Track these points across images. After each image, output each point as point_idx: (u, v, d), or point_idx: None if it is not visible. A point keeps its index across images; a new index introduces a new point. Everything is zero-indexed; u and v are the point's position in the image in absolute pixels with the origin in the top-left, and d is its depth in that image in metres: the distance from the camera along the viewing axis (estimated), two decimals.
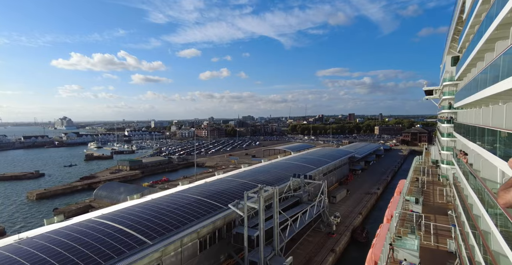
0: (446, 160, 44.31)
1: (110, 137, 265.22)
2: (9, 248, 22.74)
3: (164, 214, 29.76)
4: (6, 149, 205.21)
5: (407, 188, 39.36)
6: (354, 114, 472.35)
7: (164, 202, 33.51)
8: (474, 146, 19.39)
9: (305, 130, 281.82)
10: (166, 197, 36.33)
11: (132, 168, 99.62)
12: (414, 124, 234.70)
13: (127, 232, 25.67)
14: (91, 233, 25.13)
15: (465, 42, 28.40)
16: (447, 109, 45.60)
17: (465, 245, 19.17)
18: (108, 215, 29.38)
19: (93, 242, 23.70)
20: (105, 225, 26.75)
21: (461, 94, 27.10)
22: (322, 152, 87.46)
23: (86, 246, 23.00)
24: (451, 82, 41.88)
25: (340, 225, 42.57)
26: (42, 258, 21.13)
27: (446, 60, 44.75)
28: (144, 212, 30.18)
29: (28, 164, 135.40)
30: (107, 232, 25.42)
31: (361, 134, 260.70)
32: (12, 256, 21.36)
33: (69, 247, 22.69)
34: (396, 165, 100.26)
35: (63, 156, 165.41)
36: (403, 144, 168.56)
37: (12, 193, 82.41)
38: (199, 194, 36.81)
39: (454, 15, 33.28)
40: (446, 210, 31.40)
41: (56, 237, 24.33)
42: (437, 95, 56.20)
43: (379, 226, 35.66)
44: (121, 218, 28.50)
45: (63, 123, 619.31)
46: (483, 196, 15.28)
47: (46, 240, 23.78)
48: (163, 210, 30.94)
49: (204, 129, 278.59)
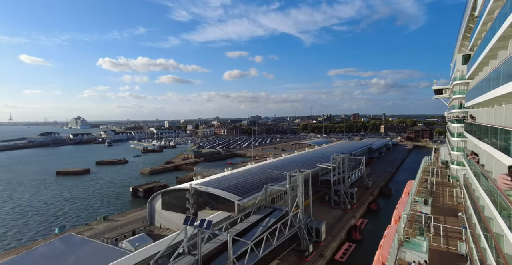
0: (457, 161, 43.43)
1: (140, 135, 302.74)
2: (213, 180, 51.70)
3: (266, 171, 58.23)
4: (60, 145, 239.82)
5: (416, 189, 38.70)
6: (358, 114, 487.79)
7: (257, 169, 60.32)
8: (486, 146, 18.94)
9: (315, 129, 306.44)
10: (255, 168, 61.91)
11: (196, 156, 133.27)
12: (416, 123, 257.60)
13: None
14: (226, 180, 51.62)
15: (477, 40, 27.71)
16: (458, 108, 44.67)
17: (476, 247, 18.74)
18: (231, 174, 56.11)
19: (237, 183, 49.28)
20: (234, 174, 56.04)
21: (473, 93, 26.48)
22: (346, 144, 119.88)
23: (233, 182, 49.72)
24: (462, 81, 40.96)
25: (372, 185, 71.03)
26: (233, 179, 51.62)
27: (456, 59, 43.74)
28: (243, 176, 54.27)
29: (97, 156, 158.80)
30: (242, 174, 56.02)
31: (367, 132, 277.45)
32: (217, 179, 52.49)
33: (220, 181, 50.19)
34: (404, 155, 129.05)
35: (117, 150, 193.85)
36: (407, 140, 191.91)
37: (124, 171, 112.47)
38: (270, 167, 61.56)
39: (466, 13, 32.50)
40: (456, 211, 30.77)
41: (215, 179, 52.77)
42: (447, 94, 55.08)
43: (386, 227, 35.23)
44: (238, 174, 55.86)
45: (77, 123, 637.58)
46: (495, 198, 14.90)
47: (216, 179, 52.13)
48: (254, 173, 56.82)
49: (223, 128, 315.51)
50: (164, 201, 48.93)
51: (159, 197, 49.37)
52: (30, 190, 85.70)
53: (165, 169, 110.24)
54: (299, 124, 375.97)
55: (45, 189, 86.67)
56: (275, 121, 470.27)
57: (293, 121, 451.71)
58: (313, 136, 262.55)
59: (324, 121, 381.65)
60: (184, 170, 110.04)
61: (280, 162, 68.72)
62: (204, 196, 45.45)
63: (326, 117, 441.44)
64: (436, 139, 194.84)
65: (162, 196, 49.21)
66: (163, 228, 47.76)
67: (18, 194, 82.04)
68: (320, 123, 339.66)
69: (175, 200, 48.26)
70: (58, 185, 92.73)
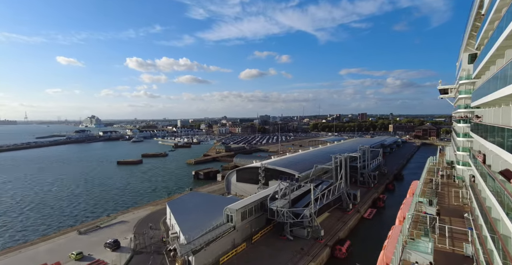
0: (462, 161, 42.89)
1: (162, 133, 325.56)
2: (282, 160, 73.53)
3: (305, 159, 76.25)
4: (92, 141, 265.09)
5: (420, 189, 38.32)
6: (366, 114, 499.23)
7: (301, 156, 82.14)
8: (492, 146, 18.67)
9: (325, 127, 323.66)
10: (299, 155, 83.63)
11: (227, 150, 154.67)
12: (424, 123, 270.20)
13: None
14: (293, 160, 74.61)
15: (484, 39, 27.31)
16: (463, 108, 44.13)
17: (483, 249, 18.49)
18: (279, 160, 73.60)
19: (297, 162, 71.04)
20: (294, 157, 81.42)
21: (479, 92, 26.13)
22: (361, 140, 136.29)
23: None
24: (468, 81, 40.42)
25: (387, 173, 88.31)
26: (288, 161, 71.51)
27: (462, 58, 43.19)
28: (295, 159, 74.87)
29: (134, 151, 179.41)
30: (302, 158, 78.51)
31: (376, 131, 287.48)
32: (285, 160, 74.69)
33: (288, 161, 71.14)
34: (413, 151, 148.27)
35: (148, 146, 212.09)
36: (415, 138, 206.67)
37: (170, 162, 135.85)
38: (309, 155, 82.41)
39: (472, 11, 32.05)
40: (462, 212, 30.38)
41: (276, 161, 72.09)
42: (453, 94, 54.40)
43: (391, 228, 34.95)
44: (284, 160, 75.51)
45: (91, 121, 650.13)
46: (502, 199, 14.69)
47: (282, 160, 73.35)
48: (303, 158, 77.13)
49: (237, 127, 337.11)
50: (238, 176, 68.73)
51: (234, 173, 69.73)
52: (119, 174, 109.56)
53: (206, 160, 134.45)
54: (308, 123, 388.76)
55: (127, 174, 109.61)
56: (282, 120, 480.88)
57: (302, 120, 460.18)
58: (324, 134, 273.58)
59: (333, 120, 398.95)
60: (220, 161, 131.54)
61: (314, 152, 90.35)
62: (271, 172, 63.18)
63: (335, 116, 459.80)
64: (442, 137, 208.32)
65: (237, 173, 69.20)
66: (238, 195, 63.59)
67: (116, 175, 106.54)
68: (330, 122, 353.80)
69: (247, 175, 67.48)
70: (128, 171, 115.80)
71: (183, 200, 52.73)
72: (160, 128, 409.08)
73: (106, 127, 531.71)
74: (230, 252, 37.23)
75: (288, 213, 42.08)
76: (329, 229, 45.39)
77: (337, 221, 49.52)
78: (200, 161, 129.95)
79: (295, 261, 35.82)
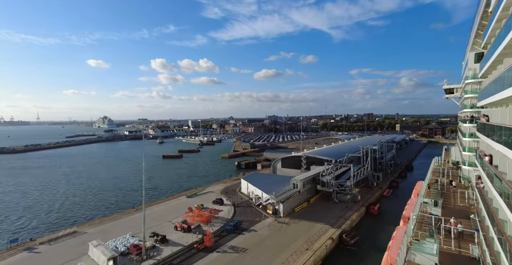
0: (468, 162, 42.37)
1: (182, 132, 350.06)
2: (320, 150, 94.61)
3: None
4: (119, 140, 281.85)
5: (425, 190, 37.92)
6: (372, 114, 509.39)
7: (332, 148, 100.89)
8: (499, 147, 18.38)
9: (334, 127, 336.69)
10: (330, 148, 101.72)
11: (252, 147, 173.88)
12: (430, 122, 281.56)
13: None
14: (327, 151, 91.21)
15: (491, 38, 26.92)
16: (470, 108, 43.58)
17: (489, 251, 18.23)
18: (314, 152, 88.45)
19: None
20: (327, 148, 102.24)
21: (486, 92, 25.76)
22: (374, 137, 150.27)
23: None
24: (474, 80, 39.91)
25: (400, 164, 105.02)
26: (323, 152, 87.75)
27: (469, 57, 42.62)
28: (328, 150, 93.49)
29: (164, 148, 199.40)
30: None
31: (384, 130, 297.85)
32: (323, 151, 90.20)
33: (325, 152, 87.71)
34: (420, 147, 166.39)
35: (174, 144, 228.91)
36: (422, 137, 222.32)
37: (206, 156, 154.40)
38: (337, 148, 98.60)
39: (479, 9, 31.59)
40: (468, 213, 29.98)
41: (313, 151, 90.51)
42: (459, 93, 53.78)
43: (395, 229, 34.66)
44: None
45: (104, 122, 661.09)
46: (510, 200, 14.46)
47: (317, 151, 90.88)
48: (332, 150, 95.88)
49: (250, 127, 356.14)
50: (283, 162, 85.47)
51: (279, 161, 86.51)
52: (174, 165, 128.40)
53: (236, 154, 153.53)
54: (316, 123, 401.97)
55: (181, 164, 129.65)
56: (288, 120, 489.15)
57: (309, 121, 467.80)
58: (334, 133, 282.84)
59: (341, 120, 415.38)
60: (248, 155, 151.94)
61: (339, 146, 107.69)
62: (311, 159, 78.85)
63: (343, 116, 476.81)
64: (447, 136, 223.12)
65: (282, 160, 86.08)
66: None
67: (173, 166, 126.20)
68: (338, 122, 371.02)
69: (291, 162, 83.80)
70: (176, 163, 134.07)
71: (251, 177, 73.12)
72: (172, 128, 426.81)
73: (118, 127, 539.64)
74: (299, 206, 56.49)
75: (335, 184, 60.41)
76: (362, 197, 62.29)
77: (367, 193, 66.64)
78: (232, 155, 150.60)
79: (344, 213, 53.45)
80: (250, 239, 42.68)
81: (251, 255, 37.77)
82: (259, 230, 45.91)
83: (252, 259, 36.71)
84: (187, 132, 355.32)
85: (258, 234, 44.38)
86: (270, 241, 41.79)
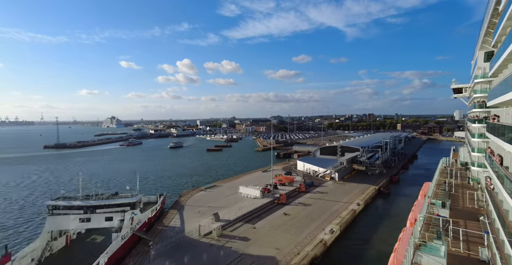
0: (478, 162, 41.52)
1: (199, 131, 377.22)
2: (353, 141, 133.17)
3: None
4: (147, 138, 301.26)
5: (433, 191, 37.30)
6: (373, 114, 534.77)
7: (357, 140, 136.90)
8: (510, 147, 17.97)
9: (339, 126, 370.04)
10: (356, 140, 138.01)
11: (277, 143, 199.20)
12: (428, 122, 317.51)
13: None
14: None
15: (501, 36, 26.34)
16: (479, 108, 42.69)
17: (500, 254, 17.84)
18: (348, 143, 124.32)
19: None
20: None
21: (496, 91, 25.20)
22: (383, 134, 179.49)
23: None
24: (484, 79, 39.04)
25: (407, 154, 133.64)
26: (351, 143, 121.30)
27: (478, 56, 41.69)
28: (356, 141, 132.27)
29: (201, 144, 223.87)
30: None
31: (386, 129, 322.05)
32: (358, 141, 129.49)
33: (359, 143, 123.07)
34: (421, 143, 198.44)
35: (200, 142, 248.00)
36: (422, 134, 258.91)
37: (240, 150, 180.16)
38: (361, 140, 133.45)
39: (489, 7, 30.90)
40: (478, 215, 29.37)
41: (346, 142, 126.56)
42: (467, 93, 52.70)
43: (401, 230, 34.21)
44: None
45: (112, 122, 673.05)
46: None
47: (347, 142, 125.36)
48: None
49: (262, 126, 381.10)
50: (321, 151, 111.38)
51: (318, 150, 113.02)
52: (222, 156, 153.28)
53: (267, 148, 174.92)
54: (320, 123, 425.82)
55: (227, 155, 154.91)
56: (291, 120, 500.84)
57: (313, 120, 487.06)
58: (341, 132, 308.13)
59: (345, 120, 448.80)
60: (277, 149, 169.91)
61: (360, 140, 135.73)
62: (344, 148, 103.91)
63: (347, 116, 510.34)
64: (444, 134, 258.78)
65: (320, 149, 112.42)
66: None
67: (223, 156, 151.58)
68: (343, 122, 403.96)
69: (327, 150, 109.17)
70: (219, 155, 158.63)
71: (304, 159, 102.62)
72: (182, 127, 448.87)
73: (126, 127, 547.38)
74: (346, 176, 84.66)
75: (368, 162, 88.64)
76: (385, 172, 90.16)
77: (388, 170, 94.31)
78: (264, 149, 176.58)
79: (376, 179, 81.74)
80: (324, 189, 72.28)
81: (329, 196, 66.25)
82: (327, 186, 75.37)
83: (333, 196, 65.97)
84: (205, 131, 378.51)
85: (327, 188, 73.60)
86: (338, 190, 71.19)
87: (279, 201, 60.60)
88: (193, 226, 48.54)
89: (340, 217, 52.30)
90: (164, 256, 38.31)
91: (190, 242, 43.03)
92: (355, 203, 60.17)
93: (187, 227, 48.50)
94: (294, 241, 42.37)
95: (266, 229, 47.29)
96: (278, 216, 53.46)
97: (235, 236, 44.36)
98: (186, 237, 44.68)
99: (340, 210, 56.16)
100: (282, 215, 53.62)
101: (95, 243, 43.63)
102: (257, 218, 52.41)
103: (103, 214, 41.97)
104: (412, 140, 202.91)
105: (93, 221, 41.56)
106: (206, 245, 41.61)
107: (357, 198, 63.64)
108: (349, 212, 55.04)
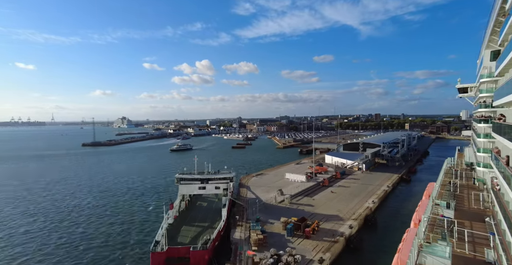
0: (483, 163, 41.04)
1: (215, 131, 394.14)
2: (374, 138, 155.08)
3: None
4: (166, 137, 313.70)
5: (437, 191, 36.93)
6: (379, 114, 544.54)
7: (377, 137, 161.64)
8: None
9: (349, 126, 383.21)
10: (376, 137, 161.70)
11: (295, 141, 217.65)
12: (435, 122, 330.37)
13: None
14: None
15: (508, 35, 25.99)
16: (485, 107, 42.20)
17: (506, 255, 17.60)
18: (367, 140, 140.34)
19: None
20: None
21: (502, 91, 24.88)
22: (396, 133, 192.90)
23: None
24: (489, 79, 38.54)
25: (420, 150, 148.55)
26: (371, 139, 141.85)
27: (484, 55, 41.15)
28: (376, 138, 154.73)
29: (216, 143, 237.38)
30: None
31: (394, 129, 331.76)
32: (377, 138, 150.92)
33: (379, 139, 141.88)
34: (431, 141, 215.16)
35: (218, 141, 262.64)
36: (430, 134, 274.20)
37: (262, 147, 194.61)
38: (379, 137, 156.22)
39: (495, 5, 30.49)
40: (483, 216, 29.01)
41: (368, 139, 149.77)
42: (473, 93, 52.10)
43: (405, 231, 33.96)
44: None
45: (123, 122, 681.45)
46: None
47: (368, 139, 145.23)
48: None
49: (273, 126, 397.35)
50: (344, 147, 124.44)
51: (341, 145, 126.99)
52: (249, 152, 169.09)
53: (287, 146, 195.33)
54: (329, 123, 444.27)
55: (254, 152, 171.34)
56: (299, 119, 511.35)
57: (320, 120, 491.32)
58: (351, 132, 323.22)
59: (354, 120, 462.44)
60: (295, 147, 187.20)
61: (378, 137, 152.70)
62: (365, 144, 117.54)
63: (356, 116, 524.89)
64: (452, 133, 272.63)
65: (344, 146, 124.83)
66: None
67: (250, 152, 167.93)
68: (352, 122, 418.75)
69: (350, 146, 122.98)
70: (245, 152, 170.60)
71: (332, 153, 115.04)
72: (198, 127, 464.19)
73: (137, 128, 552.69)
74: (371, 167, 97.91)
75: (390, 156, 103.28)
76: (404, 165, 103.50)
77: (405, 163, 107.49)
78: (285, 147, 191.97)
79: (397, 170, 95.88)
80: (356, 176, 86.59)
81: (362, 181, 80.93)
82: (357, 174, 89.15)
83: (365, 181, 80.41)
84: (220, 131, 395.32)
85: (358, 176, 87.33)
86: (367, 177, 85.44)
87: (323, 183, 75.51)
88: (266, 197, 64.77)
89: (376, 194, 67.81)
90: (259, 213, 53.23)
91: (271, 206, 59.24)
92: (385, 185, 75.93)
93: (262, 198, 63.99)
94: (348, 207, 57.94)
95: (323, 200, 63.19)
96: (328, 193, 69.24)
97: (302, 204, 60.33)
98: (266, 203, 60.24)
99: (375, 190, 71.42)
100: (330, 193, 68.86)
101: (203, 206, 61.25)
102: (312, 194, 68.15)
103: (214, 184, 56.97)
104: (421, 138, 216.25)
105: (207, 189, 57.10)
106: (284, 208, 57.65)
107: (385, 183, 78.63)
108: (382, 191, 70.41)
